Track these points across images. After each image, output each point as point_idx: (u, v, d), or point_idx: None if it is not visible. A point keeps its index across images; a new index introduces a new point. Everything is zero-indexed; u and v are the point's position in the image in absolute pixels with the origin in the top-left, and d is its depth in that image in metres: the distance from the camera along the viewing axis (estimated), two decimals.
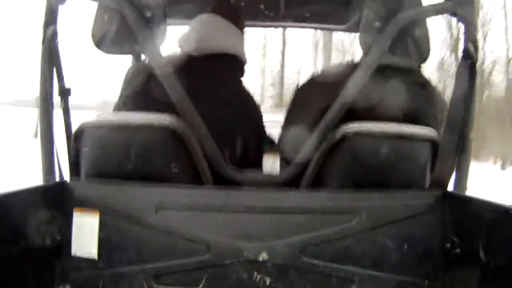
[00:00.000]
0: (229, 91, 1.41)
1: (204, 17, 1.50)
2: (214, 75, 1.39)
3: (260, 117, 1.49)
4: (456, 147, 1.23)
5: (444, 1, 1.27)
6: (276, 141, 1.47)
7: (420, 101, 1.32)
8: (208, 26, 1.47)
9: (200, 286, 1.13)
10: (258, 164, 1.47)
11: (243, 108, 1.42)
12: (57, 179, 1.27)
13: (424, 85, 1.35)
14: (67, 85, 1.34)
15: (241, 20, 1.57)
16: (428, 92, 1.36)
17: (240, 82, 1.50)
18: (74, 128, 1.30)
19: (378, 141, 1.20)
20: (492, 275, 1.01)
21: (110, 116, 1.34)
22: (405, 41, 1.23)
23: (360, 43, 1.24)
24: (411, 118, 1.29)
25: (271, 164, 1.42)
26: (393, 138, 1.21)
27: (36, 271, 1.11)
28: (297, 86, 1.45)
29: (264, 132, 1.51)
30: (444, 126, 1.25)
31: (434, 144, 1.25)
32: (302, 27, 2.42)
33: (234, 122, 1.36)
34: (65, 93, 1.33)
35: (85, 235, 1.17)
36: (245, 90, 1.49)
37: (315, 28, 2.51)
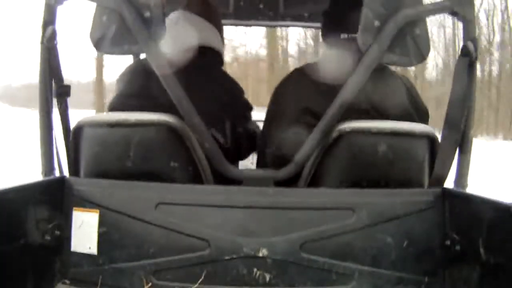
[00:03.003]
0: (207, 80, 1.41)
1: (175, 16, 1.50)
2: (191, 69, 1.37)
3: (240, 92, 1.51)
4: (454, 144, 1.23)
5: (444, 0, 1.27)
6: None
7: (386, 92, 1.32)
8: (179, 24, 1.47)
9: (200, 281, 1.13)
10: (251, 142, 1.51)
11: (221, 88, 1.43)
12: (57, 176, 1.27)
13: (388, 76, 1.36)
14: (65, 85, 1.34)
15: (214, 14, 1.57)
16: (396, 82, 1.36)
17: (219, 69, 1.50)
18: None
19: (375, 138, 1.21)
20: (492, 272, 1.02)
21: (109, 114, 1.34)
22: (404, 40, 1.23)
23: (359, 42, 1.24)
24: (390, 116, 1.29)
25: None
26: (390, 135, 1.21)
27: (36, 266, 1.11)
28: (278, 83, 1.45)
29: (247, 103, 1.53)
30: (443, 123, 1.26)
31: (431, 141, 1.25)
32: (301, 26, 2.42)
33: (215, 102, 1.37)
34: (63, 92, 1.33)
35: (85, 231, 1.17)
36: (223, 73, 1.50)
37: (314, 28, 2.51)
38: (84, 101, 15.24)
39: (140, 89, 1.36)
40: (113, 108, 1.40)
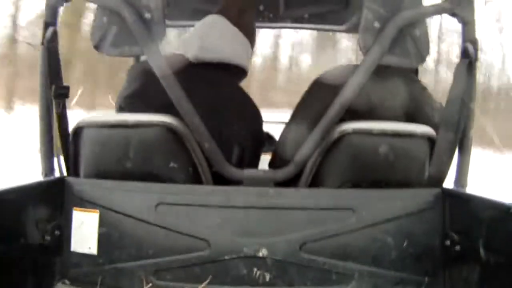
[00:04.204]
0: (226, 99, 1.38)
1: (209, 21, 1.46)
2: (211, 84, 1.36)
3: (259, 122, 1.46)
4: (452, 145, 1.23)
5: (444, 1, 1.28)
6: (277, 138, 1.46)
7: (416, 101, 1.33)
8: (212, 33, 1.43)
9: (200, 282, 1.13)
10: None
11: (240, 115, 1.39)
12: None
13: (416, 84, 1.36)
14: (64, 86, 1.33)
15: (249, 26, 1.52)
16: (422, 91, 1.37)
17: (238, 88, 1.45)
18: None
19: (376, 139, 1.20)
20: (492, 272, 1.02)
21: (109, 114, 1.34)
22: (404, 41, 1.23)
23: (360, 44, 1.24)
24: (407, 118, 1.30)
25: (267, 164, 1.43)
26: (391, 136, 1.21)
27: (36, 266, 1.11)
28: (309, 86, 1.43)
29: (262, 137, 1.48)
30: (440, 123, 1.26)
31: (432, 142, 1.25)
32: (302, 28, 2.42)
33: (230, 129, 1.34)
34: (62, 93, 1.33)
35: (85, 231, 1.17)
36: (243, 96, 1.44)
37: (315, 29, 2.51)
38: None
39: (154, 94, 1.31)
40: (122, 108, 1.38)
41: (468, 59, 1.23)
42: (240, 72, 1.47)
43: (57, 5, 1.30)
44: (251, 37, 1.51)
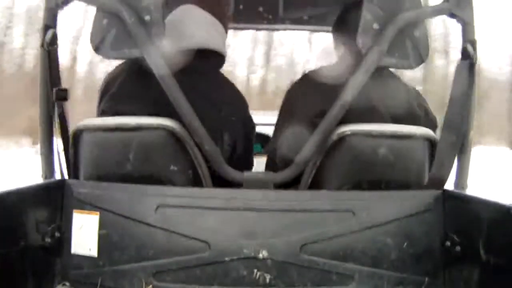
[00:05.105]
0: (208, 86, 1.37)
1: (183, 10, 1.45)
2: (195, 72, 1.35)
3: (246, 106, 1.46)
4: (454, 146, 1.23)
5: (443, 2, 1.28)
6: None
7: (412, 105, 1.33)
8: (188, 21, 1.42)
9: (200, 283, 1.13)
10: (248, 156, 1.47)
11: (227, 101, 1.39)
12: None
13: (396, 80, 1.37)
14: (63, 88, 1.33)
15: (224, 11, 1.51)
16: (418, 95, 1.38)
17: (220, 74, 1.45)
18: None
19: (375, 140, 1.21)
20: (492, 273, 1.02)
21: (108, 117, 1.34)
22: (403, 42, 1.23)
23: (358, 45, 1.24)
24: (398, 116, 1.30)
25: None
26: (390, 137, 1.22)
27: (36, 268, 1.11)
28: (290, 85, 1.44)
29: (252, 122, 1.48)
30: (442, 124, 1.26)
31: (431, 143, 1.26)
32: (301, 29, 2.42)
33: (216, 116, 1.33)
34: (61, 96, 1.32)
35: (85, 233, 1.17)
36: (225, 81, 1.44)
37: (314, 31, 2.51)
38: None
39: (136, 91, 1.32)
40: (105, 113, 1.34)
41: (468, 60, 1.24)
42: (218, 58, 1.46)
43: (56, 8, 1.30)
44: (225, 25, 1.50)
